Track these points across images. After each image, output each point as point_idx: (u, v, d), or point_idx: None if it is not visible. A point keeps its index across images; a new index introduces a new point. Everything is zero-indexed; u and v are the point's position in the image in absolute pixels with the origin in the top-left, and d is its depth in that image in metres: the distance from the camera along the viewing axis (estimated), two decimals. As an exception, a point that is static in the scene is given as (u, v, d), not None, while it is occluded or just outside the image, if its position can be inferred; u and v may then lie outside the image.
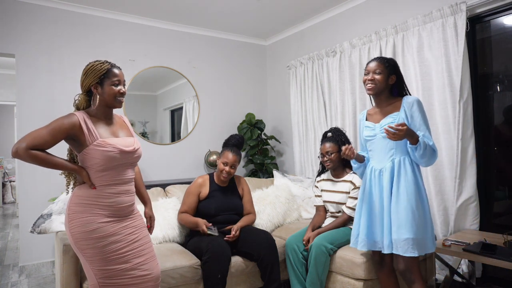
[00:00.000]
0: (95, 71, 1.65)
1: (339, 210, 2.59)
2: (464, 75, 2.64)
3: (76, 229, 1.59)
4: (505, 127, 2.77)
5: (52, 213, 2.39)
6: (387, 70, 2.00)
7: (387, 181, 1.96)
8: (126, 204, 1.70)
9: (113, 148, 1.62)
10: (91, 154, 1.59)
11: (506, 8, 2.63)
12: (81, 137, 1.59)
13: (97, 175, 1.62)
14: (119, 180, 1.68)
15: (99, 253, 1.60)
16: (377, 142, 2.05)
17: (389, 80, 2.02)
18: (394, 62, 2.05)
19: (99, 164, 1.60)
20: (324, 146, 2.61)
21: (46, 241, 3.41)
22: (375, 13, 3.37)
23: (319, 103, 3.88)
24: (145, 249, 1.75)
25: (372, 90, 2.02)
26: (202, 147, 4.31)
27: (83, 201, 1.62)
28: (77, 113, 1.62)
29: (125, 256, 1.65)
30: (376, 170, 2.04)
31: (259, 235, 2.49)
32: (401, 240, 1.84)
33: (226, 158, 2.58)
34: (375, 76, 2.00)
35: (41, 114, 3.40)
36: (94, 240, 1.59)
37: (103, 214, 1.62)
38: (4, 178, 7.99)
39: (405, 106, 1.96)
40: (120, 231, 1.66)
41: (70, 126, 1.56)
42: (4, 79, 6.59)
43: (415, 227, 1.84)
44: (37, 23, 3.43)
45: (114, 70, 1.68)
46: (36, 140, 1.50)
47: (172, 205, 2.77)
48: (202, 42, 4.39)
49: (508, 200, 2.82)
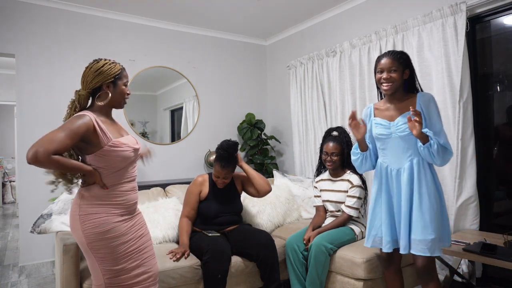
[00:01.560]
0: (109, 70, 1.64)
1: (338, 209, 2.59)
2: (464, 75, 2.64)
3: (91, 230, 1.58)
4: (506, 127, 2.77)
5: (52, 213, 2.39)
6: (402, 65, 1.90)
7: (406, 182, 1.89)
8: (134, 201, 1.74)
9: (128, 148, 1.65)
10: (106, 156, 1.58)
11: (506, 8, 2.63)
12: (94, 139, 1.56)
13: (110, 175, 1.62)
14: (129, 178, 1.70)
15: (112, 253, 1.61)
16: (392, 141, 1.94)
17: (403, 76, 1.92)
18: (406, 55, 1.95)
19: (115, 165, 1.61)
20: (328, 146, 2.59)
21: (46, 241, 3.41)
22: (375, 13, 3.37)
23: (319, 103, 3.88)
24: (148, 245, 1.78)
25: (390, 90, 1.91)
26: (202, 147, 4.31)
27: (97, 201, 1.60)
28: (88, 114, 1.57)
29: (133, 252, 1.68)
30: (393, 170, 1.95)
31: (259, 235, 2.49)
32: (428, 241, 1.81)
33: (217, 172, 2.52)
34: (391, 74, 1.89)
35: (41, 114, 3.40)
36: (109, 240, 1.60)
37: (117, 213, 1.63)
38: (4, 178, 7.99)
39: (422, 104, 1.87)
40: (131, 229, 1.69)
41: (86, 128, 1.53)
42: (4, 79, 6.59)
43: (439, 227, 1.84)
44: (37, 23, 3.43)
45: (124, 71, 1.73)
46: (56, 144, 1.43)
47: (172, 205, 2.77)
48: (202, 42, 4.39)
49: (508, 200, 2.82)
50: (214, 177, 2.57)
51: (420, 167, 1.88)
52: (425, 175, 1.87)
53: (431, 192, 1.86)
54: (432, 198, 1.85)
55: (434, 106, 1.88)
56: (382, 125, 1.98)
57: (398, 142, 1.92)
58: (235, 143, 2.57)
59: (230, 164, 2.50)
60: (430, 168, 1.90)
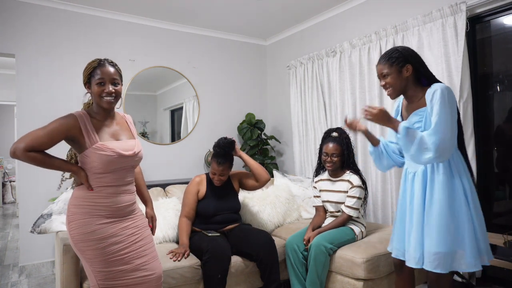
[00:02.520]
0: (86, 70, 1.65)
1: (338, 210, 2.59)
2: (464, 75, 2.64)
3: (75, 231, 1.58)
4: (508, 127, 2.76)
5: (52, 213, 2.39)
6: (396, 65, 1.75)
7: (419, 187, 1.74)
8: (125, 204, 1.67)
9: (112, 152, 1.58)
10: (90, 157, 1.56)
11: (506, 8, 2.63)
12: (80, 139, 1.56)
13: (96, 177, 1.60)
14: (118, 182, 1.65)
15: (100, 255, 1.58)
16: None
17: (403, 73, 1.76)
18: (402, 51, 1.77)
19: (98, 168, 1.57)
20: (328, 147, 2.58)
21: (46, 241, 3.41)
22: (375, 13, 3.37)
23: (319, 103, 3.88)
24: (146, 249, 1.73)
25: (392, 95, 1.80)
26: (202, 147, 4.31)
27: (82, 202, 1.60)
28: (76, 114, 1.58)
29: (126, 257, 1.63)
30: (410, 173, 1.83)
31: (259, 235, 2.49)
32: (431, 254, 1.65)
33: (213, 169, 2.56)
34: (385, 80, 1.78)
35: (41, 114, 3.39)
36: (94, 241, 1.57)
37: (101, 215, 1.60)
38: (4, 178, 7.99)
39: (427, 98, 1.69)
40: (121, 232, 1.64)
41: (68, 128, 1.53)
42: (4, 79, 6.59)
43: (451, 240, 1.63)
44: (37, 23, 3.43)
45: (98, 69, 1.61)
46: (33, 141, 1.47)
47: (172, 205, 2.77)
48: (202, 42, 4.39)
49: (508, 200, 2.82)
50: (211, 174, 2.59)
51: (434, 170, 1.70)
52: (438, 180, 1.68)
53: (443, 199, 1.66)
54: (444, 206, 1.65)
55: (437, 98, 1.64)
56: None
57: None
58: (231, 141, 2.60)
59: (226, 161, 2.54)
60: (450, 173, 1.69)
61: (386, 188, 3.20)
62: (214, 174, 2.57)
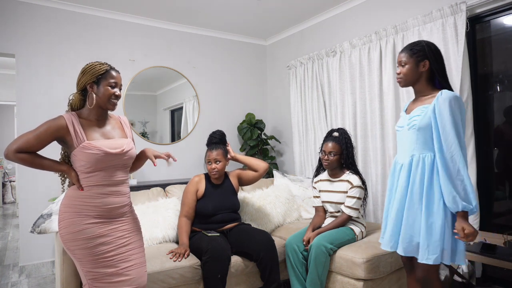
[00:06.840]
0: (93, 70, 1.67)
1: (338, 210, 2.59)
2: (464, 75, 2.64)
3: (64, 230, 1.62)
4: (507, 127, 2.76)
5: (52, 213, 2.39)
6: (415, 57, 1.75)
7: (403, 180, 1.78)
8: (115, 205, 1.68)
9: (98, 151, 1.61)
10: (77, 156, 1.61)
11: (506, 8, 2.63)
12: (68, 140, 1.62)
13: (85, 176, 1.63)
14: (109, 182, 1.67)
15: (88, 255, 1.60)
16: (402, 134, 1.84)
17: (419, 67, 1.75)
18: (425, 45, 1.75)
19: (86, 166, 1.61)
20: (327, 145, 2.60)
21: (46, 241, 3.41)
22: (375, 13, 3.37)
23: (319, 103, 3.88)
24: (133, 254, 1.72)
25: (400, 83, 1.83)
26: (202, 147, 4.28)
27: (72, 202, 1.63)
28: (65, 116, 1.63)
29: (111, 260, 1.64)
30: (398, 164, 1.86)
31: (259, 235, 2.49)
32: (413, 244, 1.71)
33: (208, 157, 2.63)
34: (401, 68, 1.79)
35: (41, 114, 3.40)
36: (82, 241, 1.60)
37: (89, 215, 1.62)
38: (4, 178, 7.99)
39: (436, 104, 1.67)
40: (109, 233, 1.65)
41: (56, 129, 1.59)
42: (4, 79, 6.59)
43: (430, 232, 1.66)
44: (37, 23, 3.43)
45: (112, 72, 1.70)
46: (23, 143, 1.56)
47: (172, 205, 2.77)
48: (202, 42, 4.39)
49: (508, 200, 2.82)
50: (208, 167, 2.63)
51: (418, 165, 1.72)
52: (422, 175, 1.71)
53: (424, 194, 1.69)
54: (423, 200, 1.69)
55: (449, 110, 1.62)
56: (402, 117, 1.90)
57: (406, 135, 1.80)
58: (221, 131, 2.79)
59: (219, 147, 2.64)
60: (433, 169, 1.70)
61: (386, 188, 3.20)
62: (209, 163, 2.61)
